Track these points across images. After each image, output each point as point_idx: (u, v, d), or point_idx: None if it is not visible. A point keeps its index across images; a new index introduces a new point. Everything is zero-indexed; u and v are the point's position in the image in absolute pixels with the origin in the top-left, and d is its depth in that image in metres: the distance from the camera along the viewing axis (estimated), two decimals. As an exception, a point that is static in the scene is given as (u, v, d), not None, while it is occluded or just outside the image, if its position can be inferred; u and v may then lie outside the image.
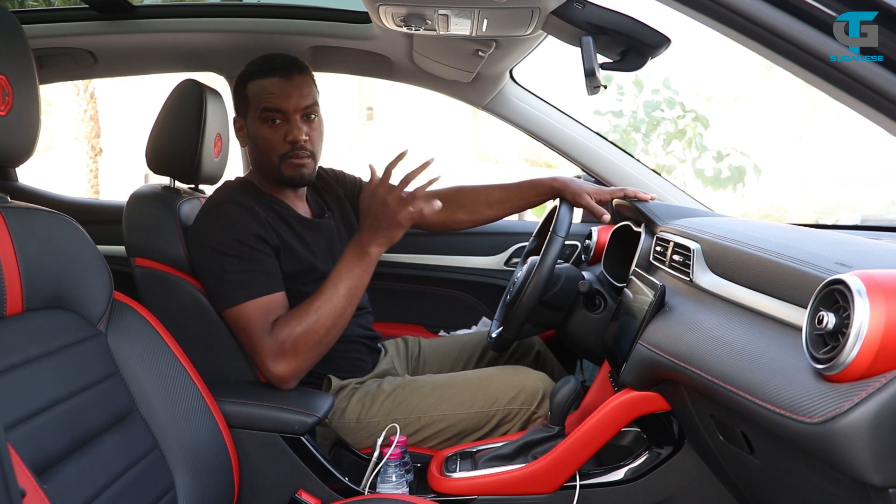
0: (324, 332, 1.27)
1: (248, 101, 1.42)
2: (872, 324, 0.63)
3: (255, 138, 1.42)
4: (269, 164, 1.41)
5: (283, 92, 1.38)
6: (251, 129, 1.43)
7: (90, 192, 8.50)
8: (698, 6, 0.82)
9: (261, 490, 1.22)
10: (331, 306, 1.27)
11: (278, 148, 1.39)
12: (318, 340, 1.27)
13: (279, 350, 1.26)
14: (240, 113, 1.47)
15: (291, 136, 1.38)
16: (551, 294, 1.42)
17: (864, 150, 10.38)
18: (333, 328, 1.28)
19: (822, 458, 0.68)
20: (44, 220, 0.98)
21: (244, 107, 1.44)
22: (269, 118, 1.39)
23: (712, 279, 1.05)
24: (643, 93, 7.94)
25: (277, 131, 1.39)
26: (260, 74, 1.41)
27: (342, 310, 1.28)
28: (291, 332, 1.26)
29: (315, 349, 1.27)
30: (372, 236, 1.27)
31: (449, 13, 1.28)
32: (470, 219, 1.71)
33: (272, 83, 1.39)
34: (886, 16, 0.72)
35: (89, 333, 1.01)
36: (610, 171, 1.91)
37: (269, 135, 1.39)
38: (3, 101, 0.87)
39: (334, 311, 1.27)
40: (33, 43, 0.97)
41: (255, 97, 1.40)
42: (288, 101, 1.38)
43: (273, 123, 1.39)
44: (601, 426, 1.19)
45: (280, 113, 1.38)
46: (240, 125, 1.48)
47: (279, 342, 1.25)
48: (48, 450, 0.86)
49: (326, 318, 1.27)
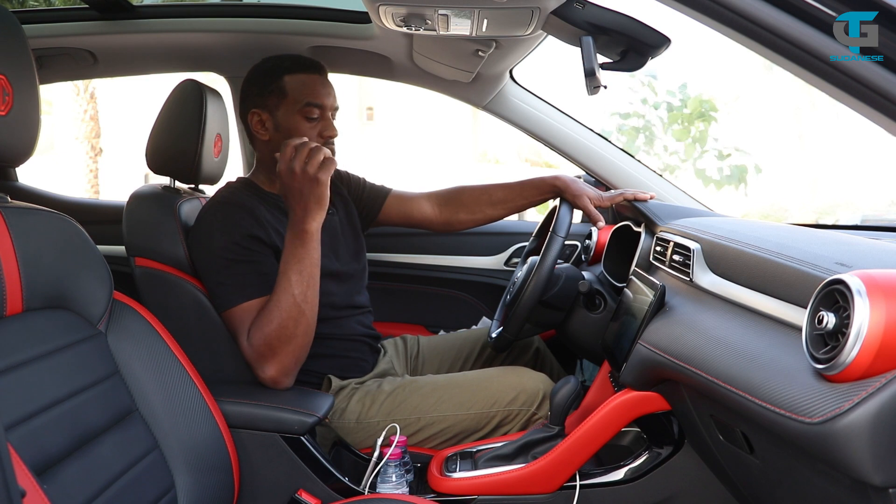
0: (293, 325, 1.24)
1: (286, 94, 1.42)
2: (872, 324, 0.63)
3: (289, 131, 1.42)
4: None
5: (325, 90, 1.44)
6: (284, 120, 1.42)
7: (90, 192, 8.51)
8: (698, 6, 0.83)
9: (261, 490, 1.22)
10: (288, 297, 1.24)
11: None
12: (290, 334, 1.24)
13: (258, 353, 1.25)
14: (264, 106, 1.44)
15: (328, 132, 1.43)
16: (551, 294, 1.42)
17: (864, 150, 10.38)
18: (301, 317, 1.25)
19: (822, 458, 0.68)
20: (44, 220, 0.98)
21: (277, 98, 1.42)
22: (310, 113, 1.41)
23: (712, 279, 1.05)
24: (653, 94, 7.98)
25: (315, 127, 1.42)
26: (299, 69, 1.43)
27: (302, 296, 1.24)
28: (262, 334, 1.25)
29: (291, 343, 1.25)
30: (301, 212, 1.23)
31: (449, 13, 1.28)
32: (472, 218, 1.71)
33: (314, 80, 1.43)
34: (886, 16, 0.72)
35: (89, 333, 1.01)
36: (610, 172, 1.91)
37: (307, 129, 1.42)
38: (3, 101, 0.87)
39: (294, 300, 1.24)
40: (33, 43, 0.97)
41: (295, 90, 1.42)
42: (328, 98, 1.43)
43: (311, 118, 1.42)
44: (601, 426, 1.18)
45: (320, 109, 1.42)
46: (262, 118, 1.45)
47: (255, 347, 1.25)
48: (48, 450, 0.86)
49: (290, 308, 1.24)
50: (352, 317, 1.51)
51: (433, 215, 1.72)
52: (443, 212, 1.72)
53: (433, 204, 1.72)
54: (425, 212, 1.71)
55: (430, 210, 1.72)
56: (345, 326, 1.49)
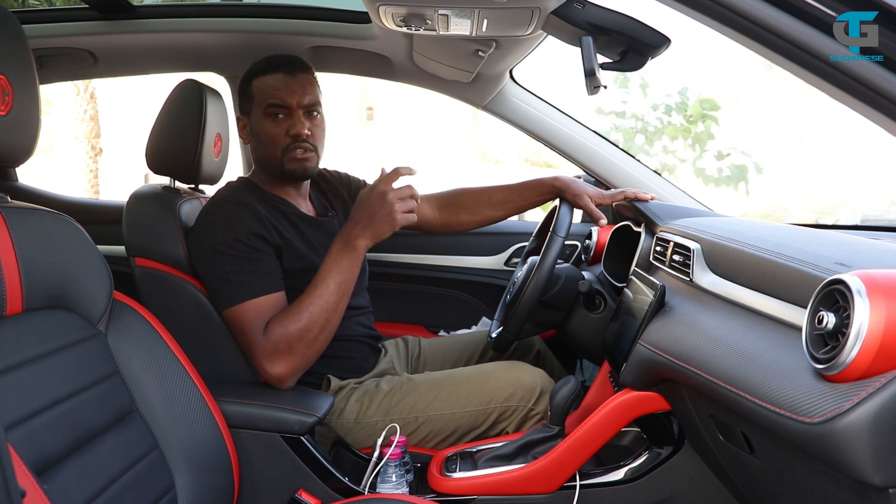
0: (318, 330, 1.27)
1: (253, 98, 1.44)
2: (872, 324, 0.62)
3: (258, 134, 1.44)
4: (272, 158, 1.43)
5: (287, 88, 1.41)
6: (255, 125, 1.45)
7: (90, 192, 8.51)
8: (698, 6, 0.82)
9: (261, 490, 1.22)
10: (322, 302, 1.27)
11: (280, 142, 1.41)
12: (312, 338, 1.27)
13: (274, 350, 1.26)
14: (243, 111, 1.49)
15: (294, 130, 1.41)
16: (551, 294, 1.42)
17: (864, 150, 10.39)
18: (327, 324, 1.28)
19: (822, 458, 0.68)
20: (44, 220, 0.98)
21: (248, 103, 1.46)
22: (273, 113, 1.41)
23: (712, 279, 1.05)
24: (650, 95, 7.98)
25: (280, 126, 1.41)
26: (264, 71, 1.44)
27: (334, 305, 1.28)
28: (285, 331, 1.26)
29: (310, 347, 1.28)
30: (362, 230, 1.28)
31: (449, 13, 1.28)
32: (473, 220, 1.72)
33: (276, 79, 1.42)
34: (886, 16, 0.72)
35: (89, 333, 1.01)
36: (610, 171, 1.91)
37: (272, 129, 1.41)
38: (3, 101, 0.87)
39: (326, 307, 1.27)
40: (33, 43, 0.97)
41: (259, 93, 1.43)
42: (291, 96, 1.41)
43: (276, 118, 1.41)
44: (601, 426, 1.18)
45: (283, 108, 1.41)
46: (243, 123, 1.50)
47: (273, 342, 1.26)
48: (48, 450, 0.86)
49: (319, 314, 1.27)
50: (351, 318, 1.51)
51: (433, 217, 1.72)
52: (443, 214, 1.72)
53: (433, 206, 1.73)
54: (426, 214, 1.72)
55: (431, 212, 1.72)
56: (345, 327, 1.48)
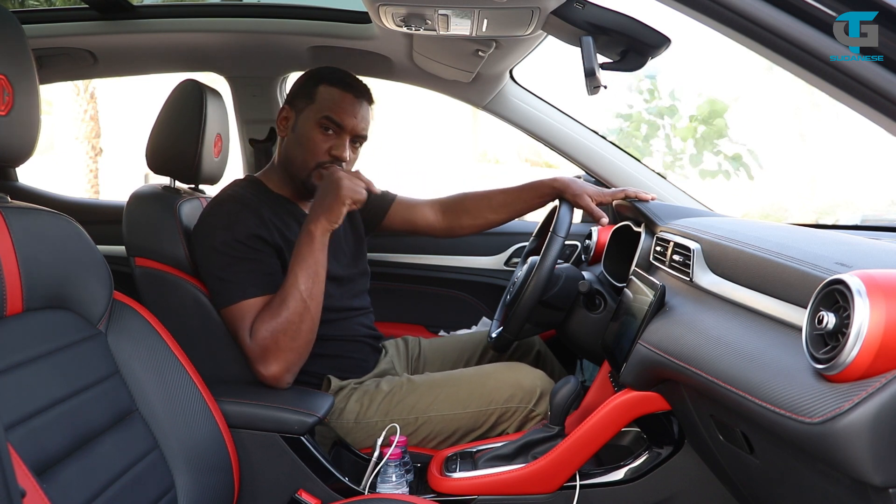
0: (298, 320, 1.26)
1: (313, 101, 1.43)
2: (872, 324, 0.62)
3: (301, 136, 1.43)
4: (303, 164, 1.43)
5: (351, 109, 1.42)
6: (302, 125, 1.43)
7: (90, 192, 8.51)
8: (698, 6, 0.83)
9: (261, 490, 1.22)
10: (295, 292, 1.26)
11: (319, 155, 1.41)
12: (295, 330, 1.26)
13: (263, 350, 1.26)
14: (294, 106, 1.46)
15: (336, 152, 1.41)
16: (551, 294, 1.42)
17: (864, 150, 10.38)
18: (306, 312, 1.27)
19: (822, 458, 0.68)
20: (44, 220, 0.98)
21: (304, 102, 1.44)
22: (325, 126, 1.41)
23: (712, 279, 1.05)
24: (655, 98, 7.99)
25: (327, 140, 1.41)
26: (336, 83, 1.43)
27: (308, 292, 1.27)
28: (267, 329, 1.26)
29: (295, 339, 1.27)
30: (316, 216, 1.28)
31: (449, 13, 1.28)
32: (475, 224, 1.73)
33: (344, 97, 1.42)
34: (886, 16, 0.72)
35: (89, 333, 1.01)
36: (610, 171, 1.91)
37: (318, 139, 1.41)
38: (3, 101, 0.87)
39: (300, 297, 1.26)
40: (33, 43, 0.97)
41: (322, 100, 1.42)
42: (350, 119, 1.42)
43: (326, 132, 1.41)
44: (601, 426, 1.18)
45: (337, 126, 1.41)
46: (288, 115, 1.47)
47: (259, 342, 1.26)
48: (48, 450, 0.86)
49: (295, 305, 1.26)
50: (352, 318, 1.52)
51: (436, 222, 1.74)
52: (445, 218, 1.74)
53: (436, 211, 1.74)
54: (429, 219, 1.73)
55: (434, 217, 1.73)
56: (345, 327, 1.49)
